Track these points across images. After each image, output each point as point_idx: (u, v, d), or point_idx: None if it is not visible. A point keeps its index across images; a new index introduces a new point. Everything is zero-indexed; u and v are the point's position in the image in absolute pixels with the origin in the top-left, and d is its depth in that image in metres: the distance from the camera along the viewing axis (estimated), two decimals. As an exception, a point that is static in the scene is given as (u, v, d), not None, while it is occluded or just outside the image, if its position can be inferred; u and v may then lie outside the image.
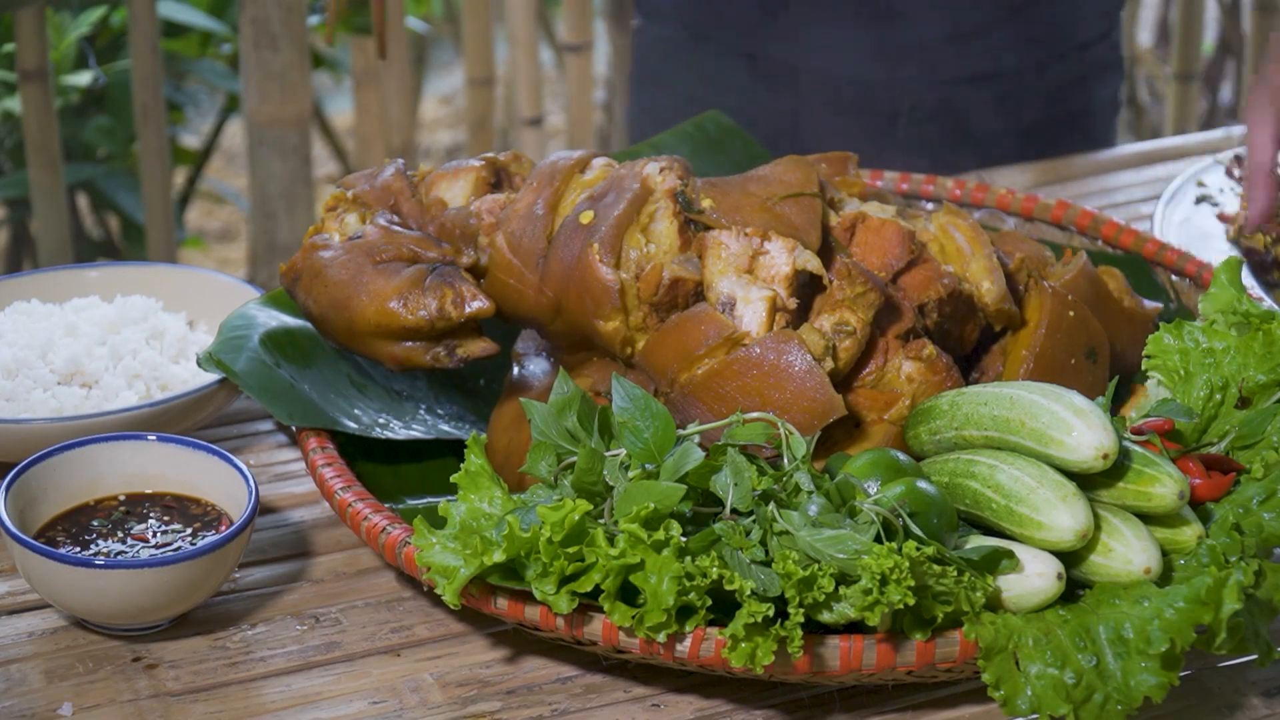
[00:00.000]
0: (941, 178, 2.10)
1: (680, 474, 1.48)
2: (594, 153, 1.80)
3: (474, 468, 1.55)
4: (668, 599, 1.43)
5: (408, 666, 1.57)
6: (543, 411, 1.56)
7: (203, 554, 1.55)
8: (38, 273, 1.97)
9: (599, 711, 1.53)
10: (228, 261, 4.73)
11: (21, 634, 1.60)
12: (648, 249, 1.69)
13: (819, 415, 1.59)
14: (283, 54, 3.10)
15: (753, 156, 2.17)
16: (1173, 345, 1.66)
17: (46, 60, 3.06)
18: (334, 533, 1.73)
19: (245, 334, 1.78)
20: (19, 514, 1.60)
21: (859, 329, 1.63)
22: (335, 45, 4.06)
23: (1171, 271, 1.98)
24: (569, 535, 1.46)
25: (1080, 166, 2.43)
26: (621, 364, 1.72)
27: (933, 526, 1.47)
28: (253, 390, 1.72)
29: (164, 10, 3.38)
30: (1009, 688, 1.42)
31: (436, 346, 1.73)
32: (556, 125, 4.96)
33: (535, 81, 3.69)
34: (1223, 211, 2.19)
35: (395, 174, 1.82)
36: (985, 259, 1.74)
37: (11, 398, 1.77)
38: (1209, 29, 4.74)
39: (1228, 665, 1.58)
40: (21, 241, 3.68)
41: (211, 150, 3.92)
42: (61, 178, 3.15)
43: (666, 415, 1.52)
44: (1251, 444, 1.60)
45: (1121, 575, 1.48)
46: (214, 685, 1.55)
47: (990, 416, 1.54)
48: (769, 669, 1.46)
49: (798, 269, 1.65)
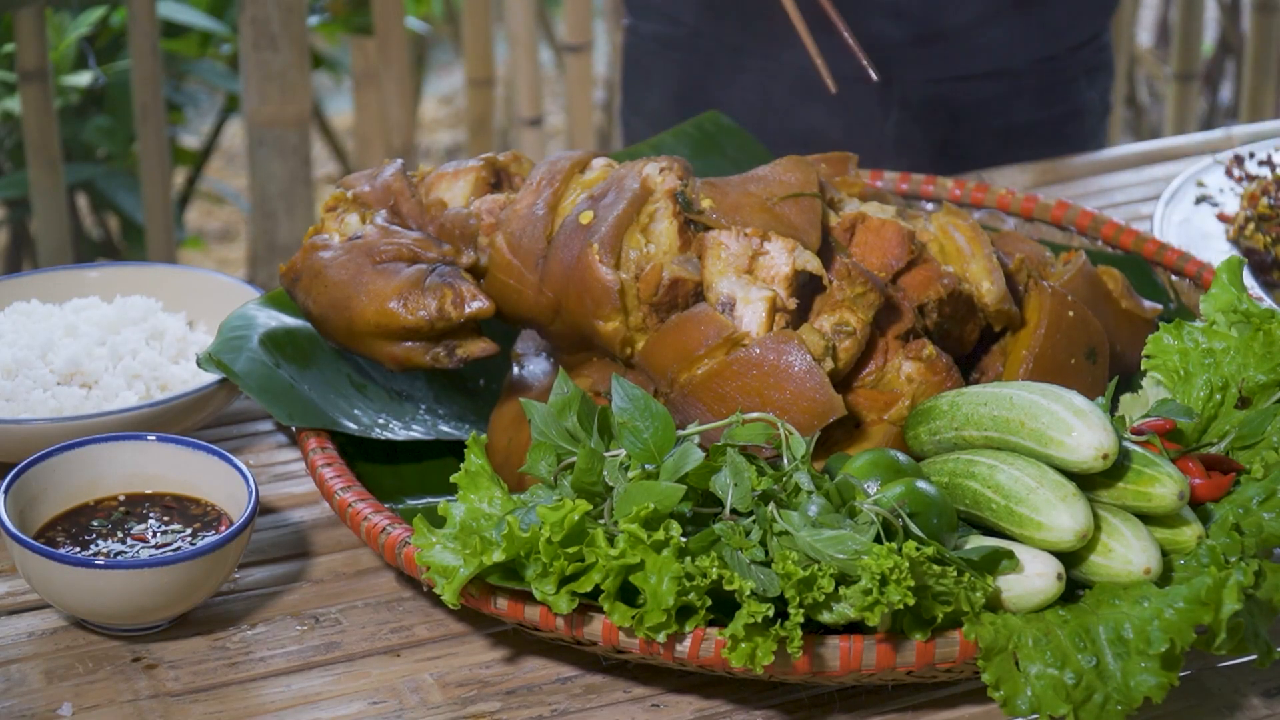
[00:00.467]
0: (941, 178, 2.10)
1: (680, 474, 1.48)
2: (594, 153, 1.80)
3: (474, 468, 1.55)
4: (667, 599, 1.43)
5: (408, 667, 1.57)
6: (543, 411, 1.55)
7: (203, 554, 1.55)
8: (38, 273, 1.97)
9: (599, 711, 1.53)
10: (227, 261, 4.73)
11: (21, 634, 1.60)
12: (648, 249, 1.69)
13: (819, 415, 1.59)
14: (282, 54, 3.11)
15: (753, 156, 2.17)
16: (1173, 345, 1.66)
17: (46, 60, 3.06)
18: (334, 533, 1.73)
19: (245, 334, 1.78)
20: (19, 514, 1.60)
21: (859, 329, 1.63)
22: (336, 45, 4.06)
23: (1171, 271, 1.98)
24: (569, 535, 1.46)
25: (1080, 166, 2.43)
26: (621, 364, 1.72)
27: (932, 527, 1.47)
28: (252, 390, 1.72)
29: (164, 10, 3.38)
30: (1009, 688, 1.42)
31: (436, 347, 1.73)
32: (556, 125, 4.96)
33: (535, 81, 3.69)
34: (1223, 211, 2.19)
35: (395, 174, 1.82)
36: (985, 259, 1.74)
37: (11, 398, 1.77)
38: (1209, 29, 4.74)
39: (1228, 665, 1.58)
40: (21, 241, 3.68)
41: (211, 150, 3.91)
42: (61, 178, 3.15)
43: (666, 415, 1.52)
44: (1251, 444, 1.60)
45: (1121, 575, 1.48)
46: (214, 685, 1.55)
47: (990, 417, 1.54)
48: (769, 669, 1.46)
49: (797, 269, 1.65)
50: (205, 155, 3.88)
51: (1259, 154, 2.33)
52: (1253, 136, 2.46)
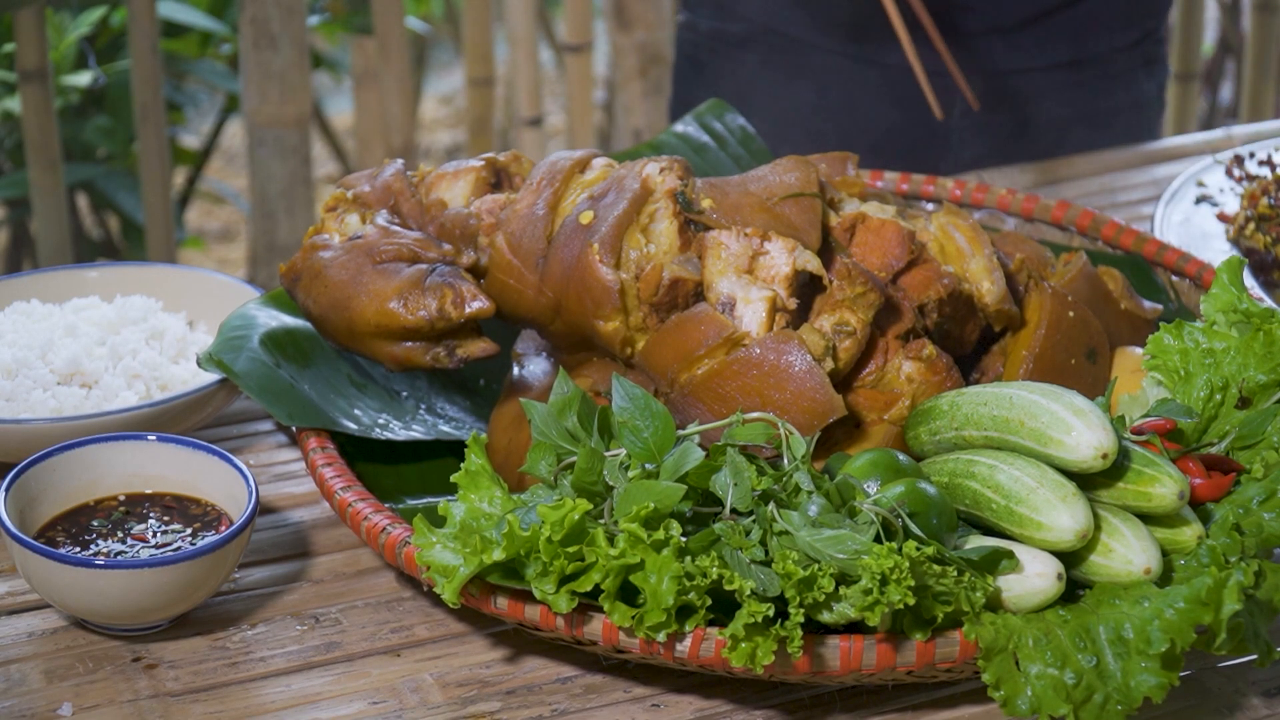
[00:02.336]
0: (941, 178, 2.10)
1: (680, 473, 1.48)
2: (594, 153, 1.80)
3: (474, 467, 1.55)
4: (667, 598, 1.43)
5: (408, 666, 1.57)
6: (543, 412, 1.55)
7: (203, 554, 1.55)
8: (38, 273, 1.97)
9: (599, 711, 1.53)
10: (227, 261, 4.73)
11: (21, 634, 1.60)
12: (648, 249, 1.69)
13: (819, 415, 1.59)
14: (283, 54, 3.10)
15: (753, 154, 2.16)
16: (1173, 345, 1.66)
17: (46, 60, 3.06)
18: (334, 533, 1.73)
19: (245, 334, 1.78)
20: (19, 514, 1.60)
21: (859, 329, 1.63)
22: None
23: (1171, 272, 1.98)
24: (569, 535, 1.46)
25: (1080, 166, 2.43)
26: (621, 364, 1.72)
27: (932, 527, 1.47)
28: (252, 390, 1.72)
29: (164, 10, 3.38)
30: (1009, 688, 1.42)
31: (436, 347, 1.73)
32: (556, 125, 4.96)
33: (535, 81, 3.69)
34: (1223, 211, 2.19)
35: (395, 174, 1.82)
36: (985, 259, 1.74)
37: (11, 398, 1.77)
38: (1209, 29, 4.74)
39: (1228, 665, 1.58)
40: (21, 241, 3.68)
41: (211, 150, 3.92)
42: (61, 178, 3.15)
43: (666, 415, 1.52)
44: (1251, 444, 1.60)
45: (1121, 575, 1.48)
46: (214, 685, 1.55)
47: (990, 417, 1.54)
48: (769, 669, 1.46)
49: (797, 269, 1.65)
50: (205, 155, 3.88)
51: (1259, 154, 2.33)
52: (1253, 136, 2.46)
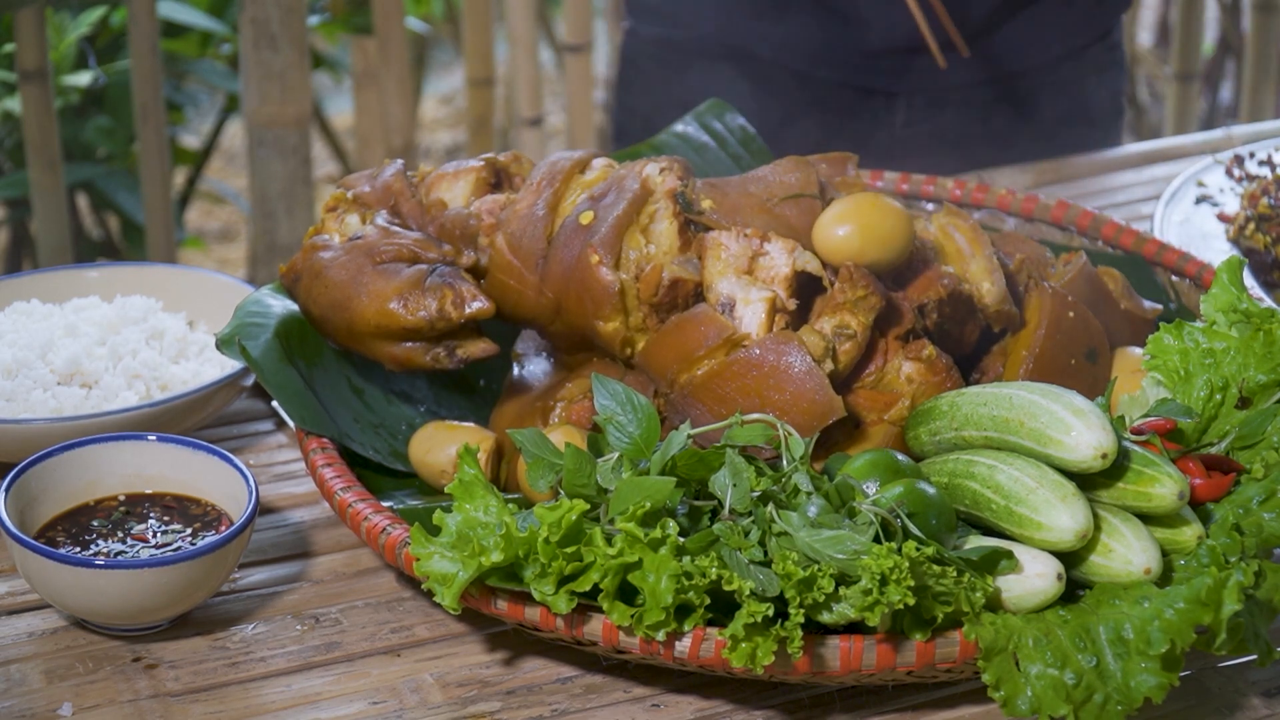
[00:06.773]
0: (941, 178, 2.10)
1: (667, 462, 1.48)
2: (594, 153, 1.80)
3: (468, 477, 1.55)
4: (666, 597, 1.43)
5: (408, 667, 1.57)
6: (531, 435, 1.55)
7: (203, 554, 1.55)
8: (38, 273, 1.97)
9: (599, 711, 1.53)
10: (227, 261, 4.73)
11: (21, 634, 1.60)
12: (648, 250, 1.69)
13: (819, 416, 1.59)
14: (283, 54, 3.10)
15: (753, 154, 2.16)
16: (1173, 345, 1.66)
17: (46, 60, 3.06)
18: (334, 533, 1.73)
19: (263, 322, 1.76)
20: (19, 514, 1.60)
21: (859, 332, 1.63)
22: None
23: (1171, 272, 1.98)
24: (566, 535, 1.46)
25: (1080, 166, 2.44)
26: (621, 364, 1.72)
27: (931, 527, 1.47)
28: (266, 381, 1.70)
29: (164, 10, 3.38)
30: (1009, 688, 1.42)
31: (436, 347, 1.73)
32: (556, 125, 4.96)
33: (535, 81, 3.69)
34: (1223, 211, 2.19)
35: (395, 174, 1.82)
36: (985, 259, 1.74)
37: (11, 398, 1.77)
38: (1209, 29, 4.74)
39: (1228, 665, 1.58)
40: (21, 241, 3.68)
41: (211, 150, 3.91)
42: (61, 178, 3.15)
43: (650, 408, 1.53)
44: (1251, 444, 1.60)
45: (1121, 576, 1.48)
46: (214, 685, 1.55)
47: (990, 417, 1.54)
48: (769, 669, 1.46)
49: (797, 270, 1.65)
50: (205, 155, 3.88)
51: (1259, 154, 2.33)
52: (1253, 136, 2.46)
